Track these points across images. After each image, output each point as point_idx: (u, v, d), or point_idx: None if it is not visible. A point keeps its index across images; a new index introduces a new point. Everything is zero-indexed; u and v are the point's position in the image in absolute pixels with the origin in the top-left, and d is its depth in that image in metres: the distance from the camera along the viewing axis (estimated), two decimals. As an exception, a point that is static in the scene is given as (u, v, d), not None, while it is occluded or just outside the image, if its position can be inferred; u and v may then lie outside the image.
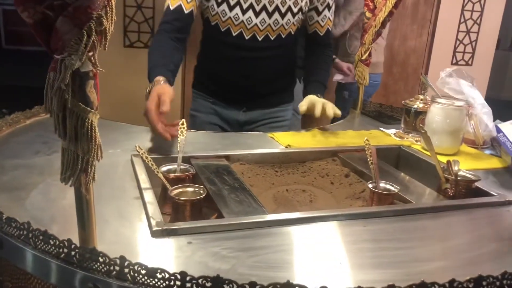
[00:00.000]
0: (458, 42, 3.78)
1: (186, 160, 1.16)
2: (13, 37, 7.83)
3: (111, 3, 0.62)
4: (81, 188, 0.68)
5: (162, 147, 1.30)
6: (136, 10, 2.99)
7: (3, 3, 7.84)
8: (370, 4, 1.79)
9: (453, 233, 0.92)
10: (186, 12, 1.53)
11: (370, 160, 1.07)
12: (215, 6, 1.56)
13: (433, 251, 0.83)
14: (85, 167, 0.67)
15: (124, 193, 1.00)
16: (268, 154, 1.31)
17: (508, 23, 3.83)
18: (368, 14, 1.81)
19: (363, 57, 1.85)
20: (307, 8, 1.64)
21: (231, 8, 1.56)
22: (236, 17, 1.57)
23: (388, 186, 1.05)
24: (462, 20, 3.72)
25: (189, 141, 1.16)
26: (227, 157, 1.25)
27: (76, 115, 0.64)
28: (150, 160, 1.02)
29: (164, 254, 0.78)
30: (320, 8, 1.66)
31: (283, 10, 1.58)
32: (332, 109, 1.52)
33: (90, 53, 0.62)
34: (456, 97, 1.40)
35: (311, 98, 1.57)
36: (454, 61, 3.81)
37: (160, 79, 1.37)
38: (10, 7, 7.73)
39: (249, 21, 1.57)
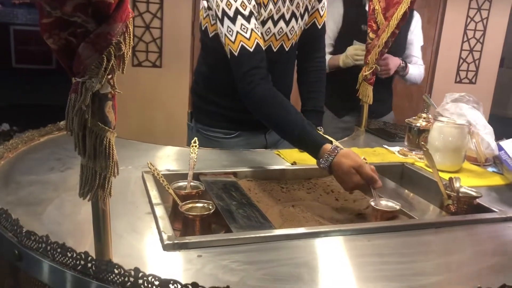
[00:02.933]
0: (461, 61, 3.82)
1: (195, 176, 1.20)
2: (23, 56, 7.98)
3: (129, 30, 0.66)
4: (99, 203, 0.72)
5: (172, 165, 1.34)
6: (145, 30, 3.07)
7: (13, 23, 8.01)
8: (374, 25, 1.84)
9: (454, 248, 0.95)
10: (263, 48, 1.37)
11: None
12: (272, 28, 1.45)
13: (435, 265, 0.86)
14: (102, 183, 0.71)
15: (136, 208, 1.04)
16: (275, 171, 1.35)
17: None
18: (371, 35, 1.86)
19: (367, 76, 1.89)
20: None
21: (287, 23, 1.47)
22: (292, 30, 1.48)
23: (390, 203, 1.08)
24: (465, 39, 3.77)
25: (198, 158, 1.20)
26: (234, 174, 1.28)
27: (95, 134, 0.68)
28: (161, 177, 1.06)
29: (175, 267, 0.81)
30: None
31: (302, 12, 1.53)
32: None
33: (109, 76, 0.67)
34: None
35: None
36: (458, 79, 3.86)
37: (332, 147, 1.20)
38: (21, 27, 7.90)
39: (292, 30, 1.50)
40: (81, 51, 0.65)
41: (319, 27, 1.62)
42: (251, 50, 1.33)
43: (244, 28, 1.33)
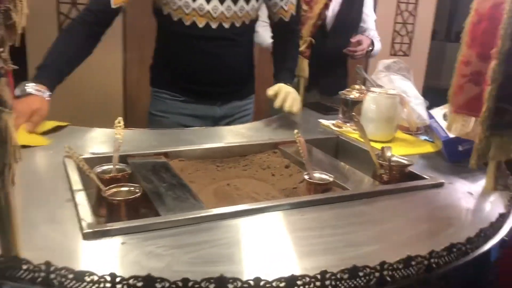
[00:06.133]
0: (395, 33, 3.91)
1: (123, 159, 1.13)
2: None
3: (20, -5, 0.58)
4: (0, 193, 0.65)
5: (100, 147, 1.26)
6: (71, 7, 2.88)
7: None
8: (306, -4, 1.81)
9: (386, 217, 0.95)
10: (113, 6, 1.45)
11: (301, 151, 1.09)
12: (190, 2, 1.50)
13: (366, 235, 0.85)
14: (1, 171, 0.63)
15: (55, 196, 0.96)
16: (209, 149, 1.30)
17: (442, 15, 4.03)
18: (304, 7, 1.83)
19: (302, 50, 1.86)
20: None
21: (208, 1, 1.52)
22: (201, 8, 1.52)
23: (323, 176, 1.07)
24: (399, 11, 3.85)
25: (126, 139, 1.13)
26: (165, 154, 1.22)
27: (-12, 116, 0.60)
28: (82, 161, 0.98)
29: (96, 257, 0.75)
30: None
31: None
32: (289, 105, 1.53)
33: (0, 49, 0.59)
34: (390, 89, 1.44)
35: (279, 85, 1.61)
36: (393, 52, 3.95)
37: (42, 89, 1.32)
38: None
39: (215, 9, 1.54)
40: (-39, 20, 0.56)
41: (287, 20, 1.70)
42: None
43: None
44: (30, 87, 1.29)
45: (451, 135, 1.26)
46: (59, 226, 0.84)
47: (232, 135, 1.49)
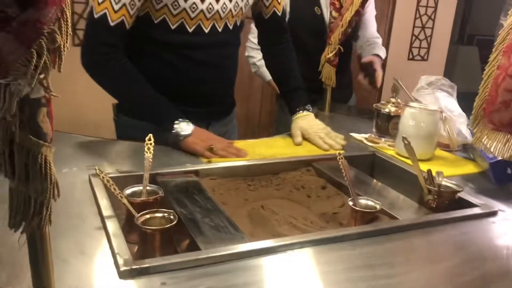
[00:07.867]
0: (414, 38, 3.82)
1: (152, 177, 1.06)
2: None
3: (66, 15, 0.51)
4: (35, 234, 0.58)
5: (123, 163, 1.19)
6: (85, 6, 2.81)
7: None
8: (336, 3, 1.73)
9: (444, 252, 0.87)
10: (128, 28, 1.25)
11: (344, 174, 1.01)
12: (181, 1, 1.26)
13: (429, 275, 0.78)
14: (39, 210, 0.56)
15: (83, 222, 0.88)
16: (240, 167, 1.23)
17: (456, 18, 3.96)
18: (334, 14, 1.75)
19: (330, 57, 1.79)
20: None
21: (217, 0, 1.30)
22: (210, 8, 1.30)
23: (369, 202, 0.99)
24: (418, 15, 3.76)
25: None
26: (196, 173, 1.15)
27: (26, 151, 0.53)
28: (113, 184, 0.91)
29: (135, 300, 0.68)
30: None
31: None
32: (331, 146, 1.39)
33: (42, 76, 0.51)
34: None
35: (301, 127, 1.45)
36: (411, 56, 3.86)
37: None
38: None
39: (224, 8, 1.32)
40: (1, 44, 0.49)
41: (279, 14, 1.52)
42: (112, 24, 1.21)
43: None
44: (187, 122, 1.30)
45: (499, 157, 1.18)
46: (90, 260, 0.77)
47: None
